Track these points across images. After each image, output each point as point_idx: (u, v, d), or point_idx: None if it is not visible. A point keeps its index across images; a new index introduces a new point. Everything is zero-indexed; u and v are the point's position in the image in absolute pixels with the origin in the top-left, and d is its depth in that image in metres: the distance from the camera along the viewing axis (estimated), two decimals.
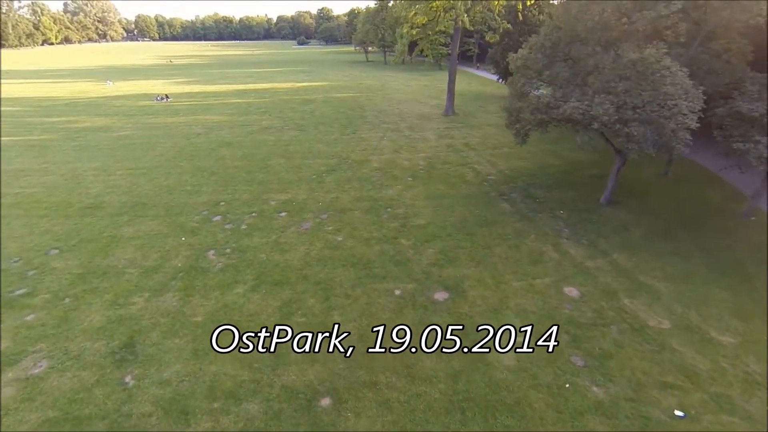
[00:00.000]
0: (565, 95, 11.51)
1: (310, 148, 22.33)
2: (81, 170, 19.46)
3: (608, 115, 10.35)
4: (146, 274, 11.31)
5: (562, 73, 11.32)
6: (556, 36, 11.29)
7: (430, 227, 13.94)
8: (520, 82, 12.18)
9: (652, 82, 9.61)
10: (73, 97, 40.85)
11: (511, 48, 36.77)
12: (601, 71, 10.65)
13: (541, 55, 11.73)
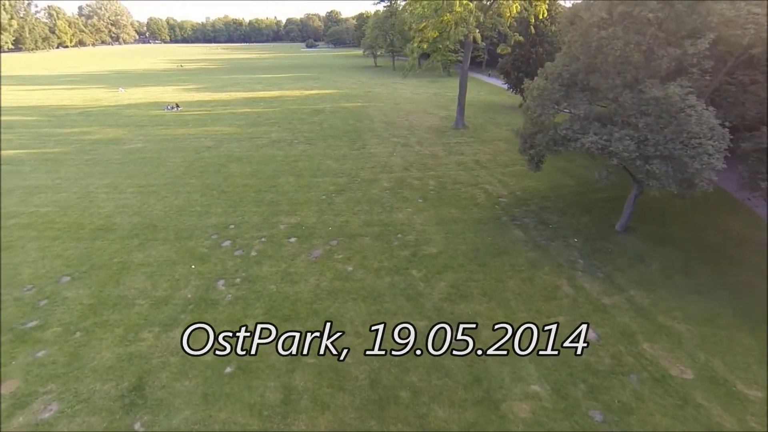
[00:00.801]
0: (583, 127, 11.20)
1: (319, 165, 22.24)
2: (93, 187, 19.61)
3: (628, 152, 10.02)
4: (156, 306, 11.26)
5: (581, 105, 11.01)
6: (574, 67, 10.99)
7: (442, 257, 13.71)
8: (536, 113, 11.90)
9: (676, 120, 9.27)
10: (86, 106, 41.42)
11: (523, 59, 36.45)
12: (622, 105, 10.33)
13: (559, 86, 11.44)
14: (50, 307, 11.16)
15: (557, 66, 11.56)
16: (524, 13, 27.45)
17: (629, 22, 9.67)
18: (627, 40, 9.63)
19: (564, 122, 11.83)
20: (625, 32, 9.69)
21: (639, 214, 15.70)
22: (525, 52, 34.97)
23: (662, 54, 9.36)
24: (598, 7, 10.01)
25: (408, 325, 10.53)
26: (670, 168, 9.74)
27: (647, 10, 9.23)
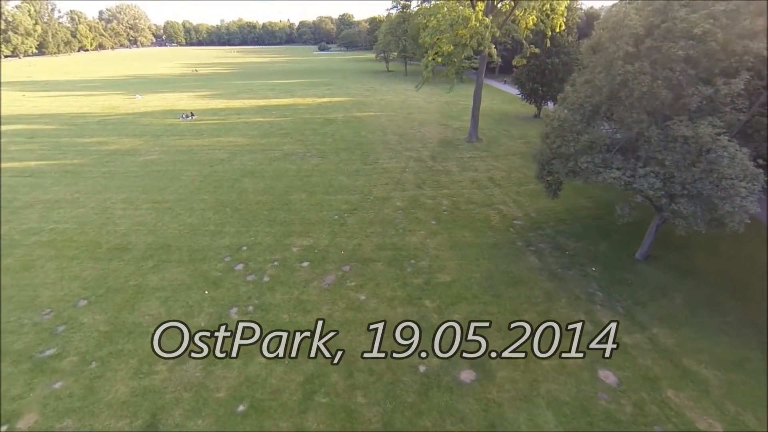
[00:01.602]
0: (605, 160, 10.83)
1: (331, 181, 22.20)
2: (110, 202, 19.94)
3: (654, 190, 9.63)
4: (170, 334, 11.30)
5: (603, 139, 10.65)
6: (597, 99, 10.63)
7: (455, 286, 13.46)
8: (555, 143, 11.57)
9: (707, 159, 8.86)
10: (104, 113, 42.35)
11: (538, 69, 35.83)
12: (647, 140, 9.94)
13: (580, 117, 11.09)
14: (68, 334, 11.31)
15: (579, 96, 11.20)
16: (540, 26, 26.96)
17: (657, 57, 9.29)
18: (655, 75, 9.25)
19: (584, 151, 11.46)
20: (653, 67, 9.31)
21: (661, 241, 15.18)
22: (540, 63, 34.38)
23: (692, 92, 8.96)
24: (624, 41, 9.64)
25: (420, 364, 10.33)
26: (699, 208, 9.32)
27: (677, 47, 8.85)
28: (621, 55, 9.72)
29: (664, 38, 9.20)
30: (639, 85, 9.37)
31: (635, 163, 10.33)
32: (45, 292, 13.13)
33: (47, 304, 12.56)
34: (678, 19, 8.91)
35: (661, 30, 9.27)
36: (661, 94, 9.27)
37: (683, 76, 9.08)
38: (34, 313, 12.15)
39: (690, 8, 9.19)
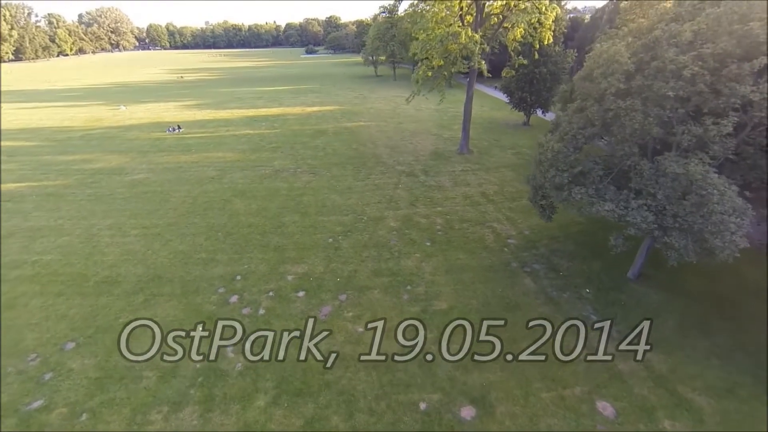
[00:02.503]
0: (598, 191, 10.97)
1: (324, 201, 22.01)
2: (96, 229, 19.40)
3: (647, 223, 9.79)
4: (164, 379, 11.02)
5: (595, 171, 10.79)
6: (590, 131, 10.76)
7: (453, 313, 13.46)
8: (549, 173, 11.67)
9: (697, 195, 9.04)
10: (87, 127, 41.24)
11: (526, 78, 36.21)
12: (639, 173, 10.10)
13: (573, 148, 11.21)
14: (55, 382, 10.93)
15: (572, 127, 11.32)
16: (528, 38, 27.22)
17: (648, 95, 9.44)
18: (646, 112, 9.40)
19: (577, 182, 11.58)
20: (644, 104, 9.46)
21: (652, 259, 15.42)
22: (529, 72, 34.71)
23: (683, 130, 9.14)
24: (615, 78, 9.76)
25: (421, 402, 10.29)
26: (690, 241, 9.51)
27: (668, 87, 9.00)
28: (613, 91, 9.86)
29: (654, 77, 9.36)
30: (631, 121, 9.52)
31: (628, 194, 10.50)
32: (30, 335, 12.67)
33: (33, 348, 12.12)
34: (667, 59, 9.07)
35: (651, 69, 9.44)
36: (652, 131, 9.43)
37: (673, 114, 9.25)
38: (19, 360, 11.71)
39: (679, 48, 9.37)
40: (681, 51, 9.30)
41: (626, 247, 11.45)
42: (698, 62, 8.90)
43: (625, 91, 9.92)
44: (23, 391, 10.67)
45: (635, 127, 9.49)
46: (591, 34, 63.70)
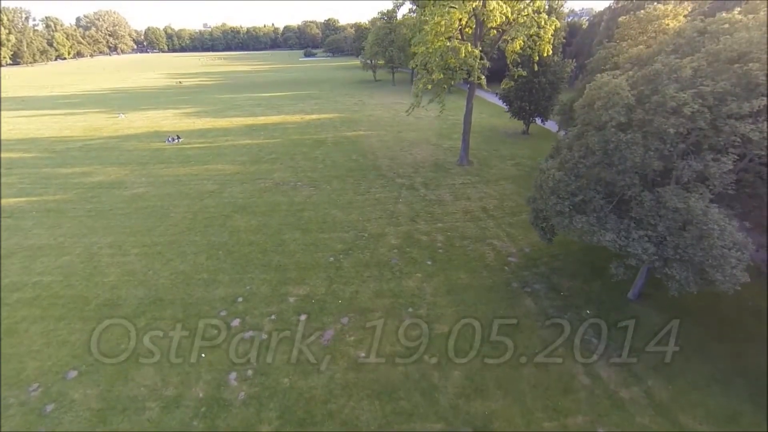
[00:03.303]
0: (600, 220, 11.03)
1: (324, 216, 22.03)
2: (96, 248, 19.36)
3: (647, 255, 9.86)
4: (167, 410, 11.02)
5: (596, 200, 10.85)
6: (591, 161, 10.83)
7: (454, 337, 13.49)
8: (551, 200, 11.73)
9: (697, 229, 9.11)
10: (86, 137, 41.17)
11: (525, 88, 36.33)
12: (640, 204, 10.17)
13: (575, 177, 11.27)
14: (57, 414, 10.92)
15: (573, 156, 11.39)
16: (527, 51, 27.34)
17: (649, 130, 9.52)
18: (647, 146, 9.48)
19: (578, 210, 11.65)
20: (645, 138, 9.54)
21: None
22: (527, 82, 34.82)
23: (683, 165, 9.22)
24: (616, 110, 9.85)
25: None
26: (691, 273, 9.58)
27: (668, 123, 9.08)
28: (614, 123, 9.93)
29: (655, 111, 9.43)
30: (632, 154, 9.60)
31: (629, 223, 10.57)
32: (31, 363, 12.64)
33: (34, 378, 12.09)
34: (668, 96, 9.15)
35: (652, 103, 9.51)
36: (653, 164, 9.51)
37: (674, 149, 9.33)
38: (21, 390, 11.69)
39: (679, 84, 9.45)
40: (681, 87, 9.38)
41: (627, 275, 11.52)
42: (698, 100, 8.98)
43: (626, 123, 10.00)
44: (25, 424, 10.65)
45: (636, 160, 9.58)
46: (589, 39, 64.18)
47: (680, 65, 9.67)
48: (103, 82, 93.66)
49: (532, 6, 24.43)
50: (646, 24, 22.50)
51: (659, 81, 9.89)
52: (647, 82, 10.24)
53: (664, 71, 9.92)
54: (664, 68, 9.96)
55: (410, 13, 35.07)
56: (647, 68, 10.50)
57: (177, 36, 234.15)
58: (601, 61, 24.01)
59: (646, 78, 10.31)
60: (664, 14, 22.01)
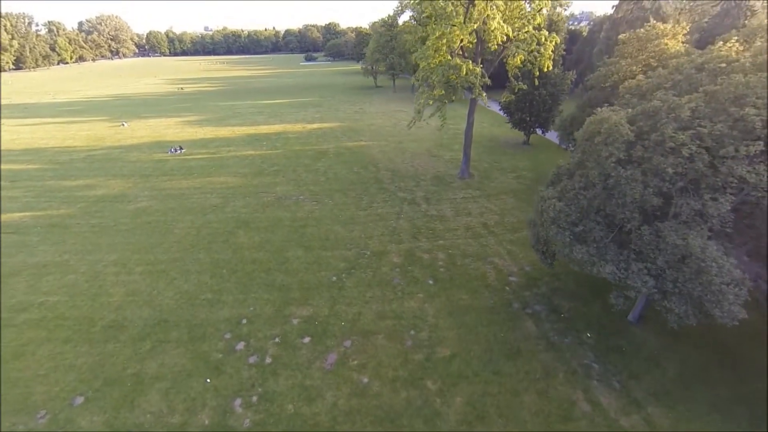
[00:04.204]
0: (599, 251, 11.21)
1: (327, 233, 22.21)
2: (101, 265, 19.56)
3: (647, 288, 10.03)
4: None
5: (596, 232, 11.03)
6: (591, 193, 11.01)
7: (456, 362, 13.65)
8: (552, 230, 11.91)
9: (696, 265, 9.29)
10: (89, 147, 41.47)
11: (526, 100, 36.58)
12: (639, 237, 10.35)
13: (575, 207, 11.46)
14: None
15: (574, 187, 11.58)
16: (528, 65, 27.57)
17: (648, 167, 9.72)
18: (646, 182, 9.67)
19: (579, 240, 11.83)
20: (644, 175, 9.74)
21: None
22: (528, 94, 35.06)
23: (682, 204, 9.40)
24: (615, 147, 10.05)
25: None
26: (690, 307, 9.75)
27: (667, 162, 9.28)
28: (614, 159, 10.13)
29: (654, 149, 9.63)
30: (632, 190, 9.78)
31: (628, 255, 10.74)
32: (38, 388, 12.80)
33: (42, 404, 12.25)
34: (667, 135, 9.34)
35: (651, 141, 9.71)
36: (652, 201, 9.70)
37: (673, 186, 9.51)
38: (29, 417, 11.85)
39: (678, 123, 9.64)
40: (679, 126, 9.57)
41: (626, 306, 11.68)
42: (696, 141, 9.18)
43: (626, 159, 10.20)
44: None
45: (635, 196, 9.76)
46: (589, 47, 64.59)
47: (678, 104, 9.87)
48: (105, 88, 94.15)
49: (533, 23, 24.67)
50: (645, 42, 22.74)
51: (658, 118, 10.09)
52: (646, 117, 10.43)
53: (662, 108, 10.12)
54: (663, 105, 10.16)
55: (411, 20, 35.35)
56: (646, 104, 10.70)
57: (178, 40, 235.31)
58: (601, 78, 24.25)
59: (645, 114, 10.51)
60: (663, 33, 22.26)
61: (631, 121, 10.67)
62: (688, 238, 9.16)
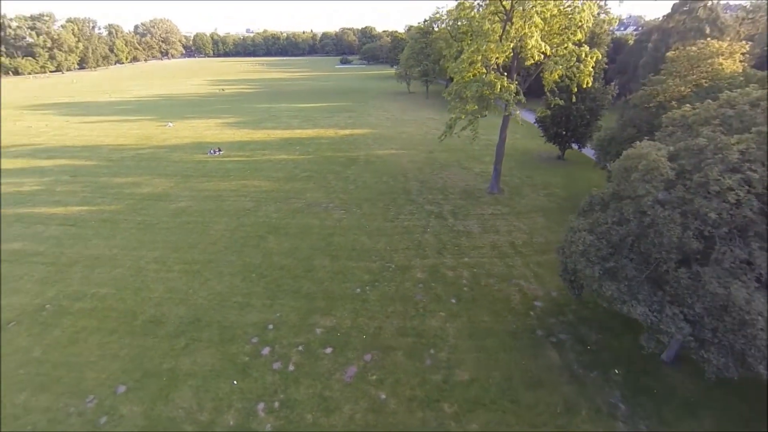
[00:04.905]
0: (631, 289, 10.81)
1: (353, 243, 22.71)
2: (144, 261, 21.11)
3: (682, 334, 9.57)
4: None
5: (628, 269, 10.65)
6: (625, 229, 10.65)
7: (474, 387, 13.60)
8: (581, 263, 11.62)
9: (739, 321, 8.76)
10: (138, 145, 44.71)
11: (563, 114, 35.46)
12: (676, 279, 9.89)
13: (606, 242, 11.12)
14: (109, 428, 12.16)
15: (606, 221, 11.24)
16: (566, 81, 26.81)
17: (689, 209, 9.27)
18: (686, 225, 9.25)
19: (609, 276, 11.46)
20: (683, 217, 9.30)
21: None
22: (565, 108, 33.97)
23: (725, 251, 8.90)
24: (653, 185, 9.65)
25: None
26: (730, 360, 9.20)
27: (710, 207, 8.81)
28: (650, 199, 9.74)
29: (696, 191, 9.18)
30: (669, 232, 9.37)
31: (662, 297, 10.29)
32: (89, 374, 14.10)
33: (91, 389, 13.48)
34: (711, 178, 8.89)
35: (693, 182, 9.25)
36: (691, 245, 9.25)
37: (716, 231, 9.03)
38: (80, 400, 13.09)
39: (725, 165, 9.10)
40: (726, 168, 9.06)
41: (658, 349, 11.17)
42: (745, 186, 8.67)
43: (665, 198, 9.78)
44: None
45: (673, 239, 9.35)
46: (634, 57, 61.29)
47: (727, 144, 9.34)
48: (154, 88, 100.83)
49: (573, 39, 24.00)
50: (697, 61, 21.45)
51: (703, 157, 9.60)
52: (690, 155, 9.95)
53: (708, 147, 9.62)
54: (709, 144, 9.65)
55: (446, 26, 35.24)
56: (691, 140, 10.19)
57: (222, 41, 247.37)
58: (645, 98, 23.12)
59: (689, 151, 10.03)
60: (719, 52, 20.86)
61: (673, 157, 10.22)
62: (731, 287, 8.66)
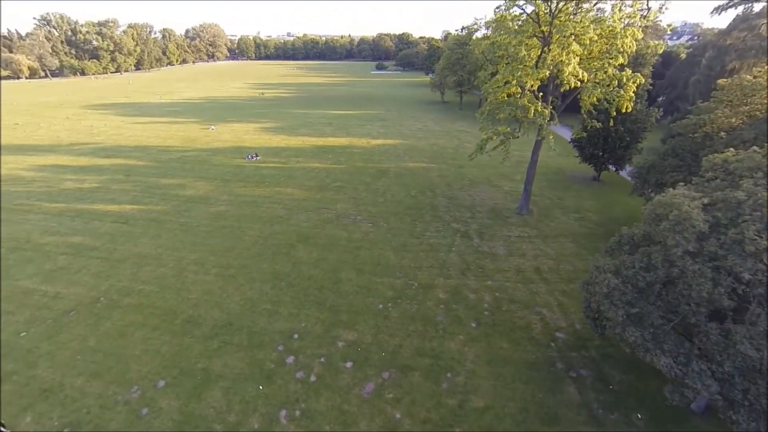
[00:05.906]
0: (656, 338, 10.62)
1: (378, 258, 23.34)
2: (184, 263, 22.84)
3: (708, 392, 9.32)
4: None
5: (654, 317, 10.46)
6: (652, 276, 10.49)
7: (488, 416, 13.75)
8: (604, 305, 11.53)
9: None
10: (183, 147, 47.98)
11: (600, 134, 34.34)
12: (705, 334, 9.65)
13: (632, 287, 10.99)
14: (149, 419, 13.46)
15: (633, 264, 11.10)
16: (604, 104, 26.12)
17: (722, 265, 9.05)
18: (717, 281, 9.04)
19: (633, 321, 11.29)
20: (715, 272, 9.09)
21: None
22: (603, 129, 32.94)
23: (759, 312, 8.62)
24: (684, 237, 9.48)
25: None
26: (762, 425, 8.85)
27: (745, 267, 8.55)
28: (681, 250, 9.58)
29: (730, 248, 8.94)
30: (699, 287, 9.18)
31: (690, 349, 10.03)
32: (134, 366, 15.61)
33: (135, 381, 14.94)
34: (747, 237, 8.63)
35: (728, 238, 9.01)
36: (723, 302, 9.02)
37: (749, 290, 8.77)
38: (125, 390, 14.55)
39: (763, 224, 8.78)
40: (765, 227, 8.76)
41: (683, 403, 10.87)
42: None
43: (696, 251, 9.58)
44: (127, 423, 13.31)
45: (703, 294, 9.15)
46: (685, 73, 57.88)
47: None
48: (200, 91, 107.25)
49: (614, 64, 23.40)
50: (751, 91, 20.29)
51: (740, 212, 9.32)
52: (727, 208, 9.66)
53: (747, 203, 9.32)
54: (748, 199, 9.35)
55: (484, 39, 35.13)
56: (729, 192, 9.89)
57: (264, 45, 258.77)
58: (691, 127, 22.11)
59: (725, 203, 9.74)
60: None
61: (708, 209, 9.97)
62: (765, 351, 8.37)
